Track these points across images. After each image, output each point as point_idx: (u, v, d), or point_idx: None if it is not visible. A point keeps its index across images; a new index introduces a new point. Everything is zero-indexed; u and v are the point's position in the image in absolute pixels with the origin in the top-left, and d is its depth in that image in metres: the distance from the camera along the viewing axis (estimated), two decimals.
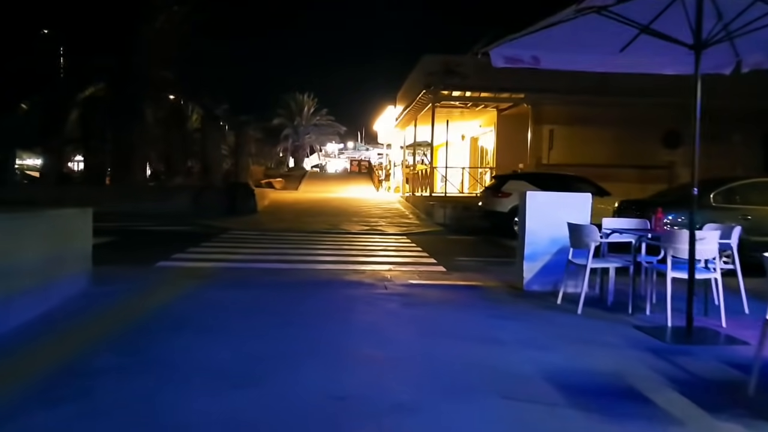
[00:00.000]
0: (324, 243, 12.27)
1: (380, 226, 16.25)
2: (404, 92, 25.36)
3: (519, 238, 6.76)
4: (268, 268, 8.39)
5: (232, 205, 18.24)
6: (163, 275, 7.22)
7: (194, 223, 15.68)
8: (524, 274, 6.54)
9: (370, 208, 22.07)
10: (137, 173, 19.74)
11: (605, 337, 4.75)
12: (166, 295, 5.82)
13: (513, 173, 16.15)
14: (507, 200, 15.03)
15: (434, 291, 6.56)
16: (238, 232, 14.04)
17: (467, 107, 21.85)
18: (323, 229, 15.21)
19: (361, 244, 12.40)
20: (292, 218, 17.93)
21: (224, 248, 10.91)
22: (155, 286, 6.34)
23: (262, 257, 9.76)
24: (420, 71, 20.52)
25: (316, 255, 10.22)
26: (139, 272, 7.44)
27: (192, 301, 5.58)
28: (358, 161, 50.58)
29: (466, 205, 18.22)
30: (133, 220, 15.96)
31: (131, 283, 6.48)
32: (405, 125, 26.43)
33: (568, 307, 5.73)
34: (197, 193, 18.44)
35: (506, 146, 22.38)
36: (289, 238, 13.22)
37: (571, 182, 15.44)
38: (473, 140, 27.60)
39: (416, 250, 11.55)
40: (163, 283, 6.49)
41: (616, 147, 19.59)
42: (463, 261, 10.15)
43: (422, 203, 20.41)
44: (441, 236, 15.09)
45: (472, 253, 11.44)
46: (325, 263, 9.27)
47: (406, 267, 9.08)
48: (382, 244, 12.39)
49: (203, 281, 6.73)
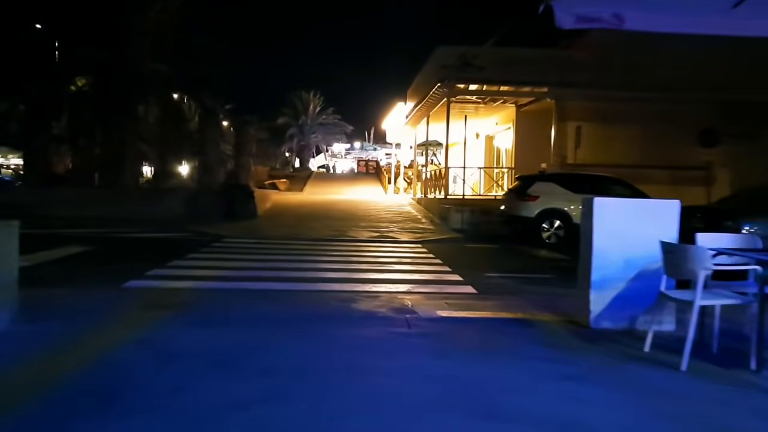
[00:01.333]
0: (329, 254, 10.73)
1: (392, 233, 14.69)
2: (416, 87, 23.80)
3: (582, 258, 5.18)
4: (260, 291, 6.84)
5: (229, 209, 16.74)
6: (122, 304, 5.68)
7: (186, 230, 14.18)
8: (591, 306, 4.96)
9: (379, 211, 20.53)
10: (128, 174, 18.28)
11: (744, 419, 3.18)
12: (108, 342, 4.28)
13: (540, 174, 14.57)
14: (534, 204, 13.47)
15: (471, 329, 4.99)
16: (233, 241, 12.52)
17: (484, 102, 20.27)
18: (328, 237, 13.67)
19: (371, 254, 10.86)
20: (295, 223, 16.41)
21: (212, 261, 9.38)
22: (101, 324, 4.80)
23: (255, 274, 8.22)
24: (434, 64, 18.96)
25: (319, 270, 8.67)
26: (95, 298, 5.91)
27: (140, 355, 4.03)
28: (365, 161, 48.97)
29: (485, 209, 16.65)
30: (119, 225, 14.49)
31: (71, 318, 4.95)
32: (416, 123, 24.87)
33: (663, 358, 4.17)
34: (191, 196, 16.96)
35: (526, 145, 20.78)
36: (290, 247, 11.69)
37: (605, 184, 13.87)
38: (488, 139, 25.99)
39: (435, 263, 9.98)
40: (113, 320, 4.94)
41: (646, 146, 17.95)
42: (494, 278, 8.57)
43: (436, 206, 18.84)
44: (459, 244, 13.52)
45: (500, 267, 9.86)
46: (330, 282, 7.71)
47: (428, 287, 7.51)
48: (396, 255, 10.84)
49: (170, 314, 5.19)
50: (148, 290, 6.76)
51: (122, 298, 6.18)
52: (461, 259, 10.84)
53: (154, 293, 6.56)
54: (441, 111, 21.40)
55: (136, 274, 7.59)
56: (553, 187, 13.65)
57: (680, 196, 15.88)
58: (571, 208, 13.38)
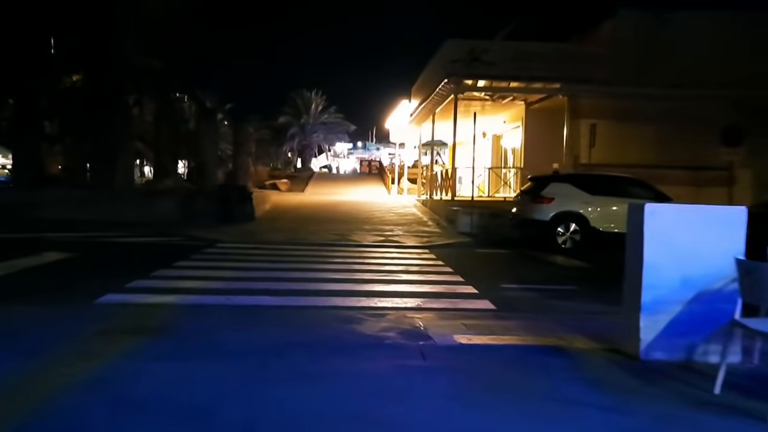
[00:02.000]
0: (330, 260, 9.93)
1: (397, 236, 13.89)
2: (421, 84, 22.99)
3: (628, 275, 4.37)
4: (251, 307, 6.05)
5: (225, 212, 15.94)
6: (88, 327, 4.88)
7: (178, 234, 13.39)
8: (641, 333, 4.15)
9: (383, 213, 19.73)
10: (121, 175, 17.48)
11: None
12: (55, 383, 3.48)
13: (554, 174, 13.74)
14: (548, 207, 12.65)
15: (498, 361, 4.18)
16: (227, 246, 11.73)
17: (493, 100, 19.45)
18: (330, 241, 12.87)
19: (375, 261, 10.05)
20: (295, 226, 15.61)
21: (202, 271, 8.58)
22: (55, 355, 4.00)
23: (248, 285, 7.42)
24: (441, 59, 18.15)
25: (318, 281, 7.87)
26: (59, 318, 5.13)
27: (92, 402, 3.22)
28: (368, 161, 48.19)
29: (495, 211, 15.83)
30: (108, 229, 13.70)
31: (20, 346, 4.16)
32: (421, 121, 24.06)
33: (742, 404, 3.37)
34: (186, 198, 16.17)
35: (536, 144, 19.98)
36: (288, 253, 10.89)
37: (625, 185, 13.08)
38: (495, 138, 25.18)
39: (445, 271, 9.18)
40: (70, 351, 4.14)
41: (663, 145, 17.14)
42: (512, 290, 7.76)
43: (442, 208, 18.04)
44: (469, 249, 12.71)
45: (516, 276, 9.04)
46: (330, 295, 6.91)
47: (440, 302, 6.70)
48: (402, 262, 10.03)
49: (142, 341, 4.41)
50: (124, 307, 5.97)
51: (92, 317, 5.39)
52: (473, 267, 10.03)
53: (129, 311, 5.77)
54: (447, 109, 20.60)
55: (115, 287, 6.81)
56: (569, 188, 12.83)
57: (700, 198, 15.10)
58: (588, 210, 12.57)
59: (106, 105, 15.77)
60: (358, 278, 8.19)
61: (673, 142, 16.93)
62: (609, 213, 12.71)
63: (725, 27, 16.38)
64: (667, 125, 17.00)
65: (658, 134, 17.24)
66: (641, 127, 17.46)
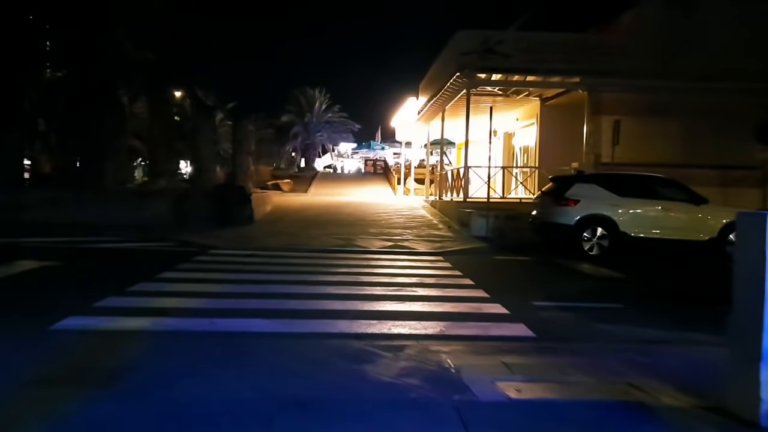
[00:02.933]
0: (334, 270, 8.83)
1: (406, 241, 12.78)
2: (430, 80, 21.87)
3: (738, 311, 3.25)
4: (235, 335, 4.96)
5: (222, 214, 14.87)
6: (24, 370, 3.79)
7: (169, 238, 12.33)
8: (762, 392, 3.03)
9: (390, 215, 18.62)
10: (111, 174, 16.42)
11: None
12: None
13: (578, 174, 12.61)
14: (573, 209, 11.53)
15: (567, 428, 3.07)
16: (221, 253, 10.64)
17: (506, 95, 18.32)
18: (334, 247, 11.77)
19: (385, 271, 8.94)
20: (297, 230, 14.52)
21: (187, 284, 7.48)
22: None
23: (237, 304, 6.32)
24: (452, 51, 17.03)
25: (320, 297, 6.77)
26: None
27: None
28: (373, 161, 46.99)
29: (511, 213, 14.72)
30: (94, 233, 12.65)
31: None
32: (429, 119, 22.94)
33: None
34: (180, 199, 15.09)
35: (551, 142, 18.85)
36: (288, 262, 9.80)
37: (656, 186, 11.97)
38: (507, 137, 24.03)
39: (465, 284, 8.07)
40: None
41: (691, 142, 15.95)
42: (546, 308, 6.64)
43: (453, 210, 16.92)
44: (486, 256, 11.60)
45: (547, 290, 7.93)
46: (333, 317, 5.81)
47: (467, 327, 5.58)
48: (415, 272, 8.92)
49: (79, 398, 3.31)
50: (82, 336, 4.89)
51: (38, 352, 4.33)
52: (495, 278, 8.92)
53: (88, 342, 4.69)
54: (457, 105, 19.51)
55: (81, 306, 5.75)
56: (595, 189, 11.70)
57: (732, 200, 13.80)
58: (617, 213, 11.45)
59: (95, 99, 14.71)
60: (367, 293, 7.08)
61: (700, 139, 15.78)
62: (639, 216, 11.60)
63: (758, 13, 15.21)
64: (695, 121, 15.83)
65: (685, 131, 16.08)
66: (666, 124, 16.30)
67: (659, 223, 11.57)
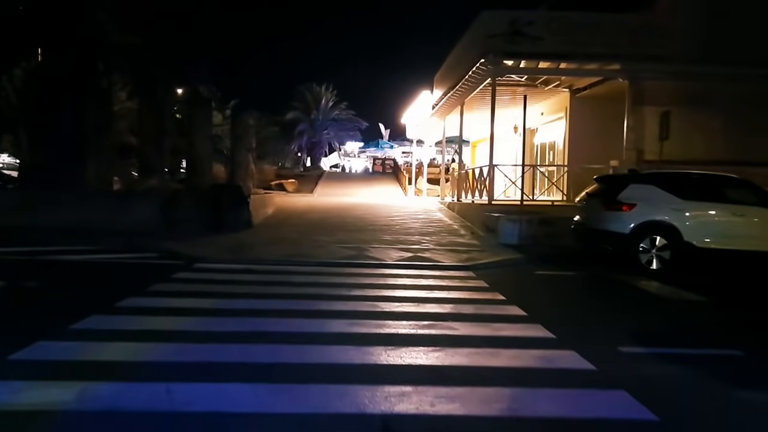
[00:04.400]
0: (343, 292, 7.05)
1: (427, 251, 10.98)
2: (447, 70, 20.05)
3: None
4: (195, 417, 3.17)
5: (217, 218, 13.13)
6: None
7: (151, 247, 10.58)
8: None
9: (404, 219, 16.80)
10: (93, 172, 14.67)
11: None
12: None
13: (631, 173, 10.74)
14: (628, 215, 9.71)
15: None
16: (208, 268, 8.89)
17: (535, 85, 16.46)
18: (343, 259, 9.98)
19: (408, 294, 7.15)
20: (300, 236, 12.73)
21: (154, 318, 5.70)
22: None
23: (209, 356, 4.54)
24: (475, 35, 15.20)
25: (325, 340, 4.97)
26: None
27: None
28: (382, 160, 45.10)
29: (544, 218, 12.91)
30: (66, 240, 10.95)
31: None
32: (446, 113, 21.09)
33: None
34: (169, 201, 13.34)
35: (582, 139, 17.00)
36: (286, 279, 8.01)
37: (725, 187, 10.11)
38: (529, 133, 22.12)
39: (514, 314, 6.26)
40: None
41: (749, 137, 14.09)
42: (642, 357, 4.81)
43: (476, 214, 15.11)
44: (525, 270, 9.78)
45: (619, 320, 6.13)
46: (345, 379, 4.01)
47: (545, 397, 3.76)
48: (446, 295, 7.13)
49: None
50: None
51: None
52: (548, 304, 7.12)
53: None
54: (477, 98, 17.71)
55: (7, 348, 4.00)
56: (654, 191, 9.86)
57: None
58: (682, 219, 9.62)
59: (73, 88, 13.01)
60: (390, 332, 5.29)
61: (761, 133, 13.91)
62: (707, 223, 9.75)
63: None
64: (754, 112, 13.98)
65: (742, 124, 14.19)
66: (719, 116, 14.43)
67: (731, 231, 9.72)
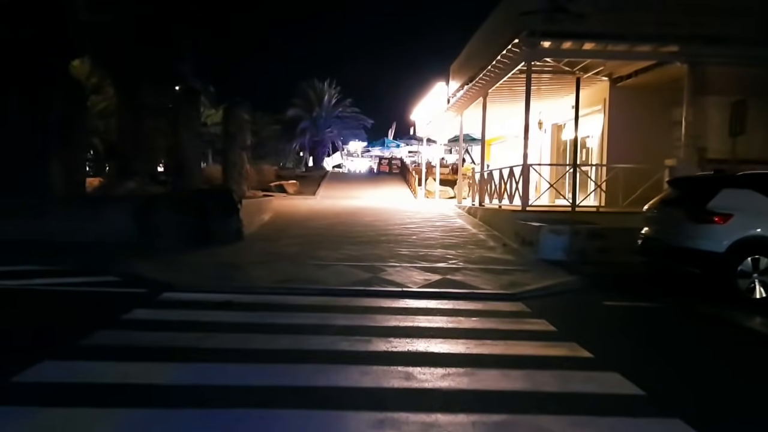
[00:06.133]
0: (358, 347, 4.88)
1: (456, 270, 8.81)
2: (467, 59, 17.90)
3: None
4: None
5: (201, 228, 11.00)
6: None
7: (113, 268, 8.45)
8: None
9: (420, 226, 14.62)
10: (59, 175, 12.56)
11: None
12: None
13: (719, 174, 8.50)
14: (722, 229, 7.53)
15: None
16: (177, 300, 6.74)
17: (574, 72, 14.27)
18: (353, 285, 7.81)
19: (448, 347, 4.99)
20: (299, 251, 10.58)
21: (58, 406, 3.53)
22: None
23: None
24: (506, 12, 13.05)
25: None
26: None
27: None
28: (388, 159, 42.89)
29: (593, 229, 10.76)
30: (11, 259, 8.83)
31: None
32: (464, 106, 18.90)
33: None
34: (145, 208, 11.22)
35: (623, 134, 14.82)
36: (278, 321, 5.83)
37: None
38: (556, 129, 19.95)
39: (609, 382, 4.07)
40: None
41: None
42: None
43: (504, 221, 12.97)
44: (588, 299, 7.63)
45: (756, 392, 3.96)
46: None
47: None
48: (500, 349, 4.95)
49: None
50: None
51: None
52: (642, 357, 4.93)
53: None
54: (498, 91, 15.56)
55: None
56: (755, 198, 7.67)
57: None
58: None
59: (26, 74, 10.93)
60: (425, 419, 3.13)
61: None
62: None
63: None
64: None
65: None
66: None
67: None
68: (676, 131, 13.84)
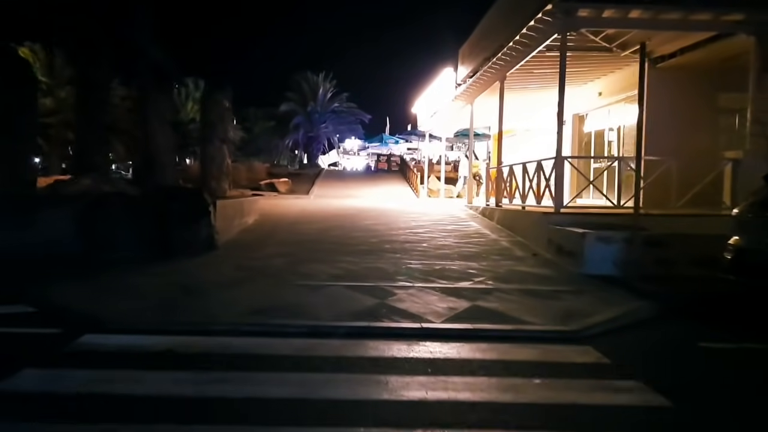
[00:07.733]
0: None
1: (486, 293, 6.68)
2: (480, 37, 15.77)
3: None
4: None
5: (161, 235, 8.85)
6: None
7: (28, 295, 6.30)
8: None
9: (429, 230, 12.49)
10: (4, 169, 10.49)
11: None
12: None
13: None
14: None
15: None
16: (98, 348, 4.60)
17: (610, 48, 12.15)
18: (353, 319, 5.66)
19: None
20: (284, 265, 8.44)
21: None
22: None
23: None
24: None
25: None
26: None
27: None
28: (387, 156, 40.75)
29: (648, 236, 8.67)
30: None
31: None
32: (476, 93, 16.72)
33: None
34: (89, 211, 9.06)
35: (665, 123, 12.66)
36: (238, 389, 3.67)
37: None
38: (577, 120, 17.83)
39: None
40: None
41: None
42: None
43: (531, 225, 10.89)
44: (674, 338, 5.52)
45: None
46: None
47: None
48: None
49: None
50: None
51: None
52: None
53: None
54: (522, 71, 13.42)
55: None
56: None
57: None
58: None
59: None
60: None
61: None
62: None
63: None
64: None
65: None
66: None
67: None
68: (729, 119, 11.75)
